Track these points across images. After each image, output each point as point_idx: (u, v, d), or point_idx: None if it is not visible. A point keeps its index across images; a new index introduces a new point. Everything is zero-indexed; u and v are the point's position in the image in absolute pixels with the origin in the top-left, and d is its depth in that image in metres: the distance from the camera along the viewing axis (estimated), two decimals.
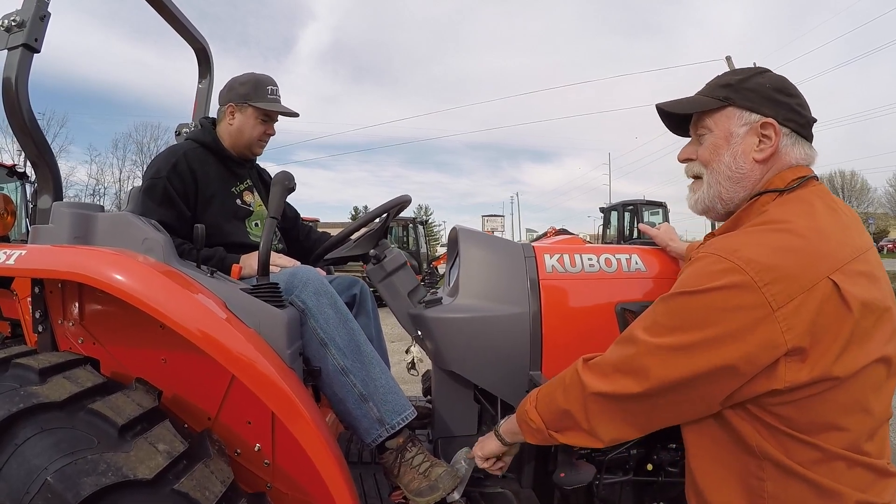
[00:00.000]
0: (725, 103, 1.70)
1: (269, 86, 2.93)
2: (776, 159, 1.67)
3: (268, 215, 2.07)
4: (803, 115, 1.67)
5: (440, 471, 2.09)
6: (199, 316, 1.87)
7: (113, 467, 1.54)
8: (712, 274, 1.43)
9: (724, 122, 1.71)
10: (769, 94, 1.67)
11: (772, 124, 1.64)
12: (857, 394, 1.43)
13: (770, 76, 1.73)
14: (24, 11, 2.17)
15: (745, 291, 1.37)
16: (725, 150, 1.71)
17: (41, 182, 2.32)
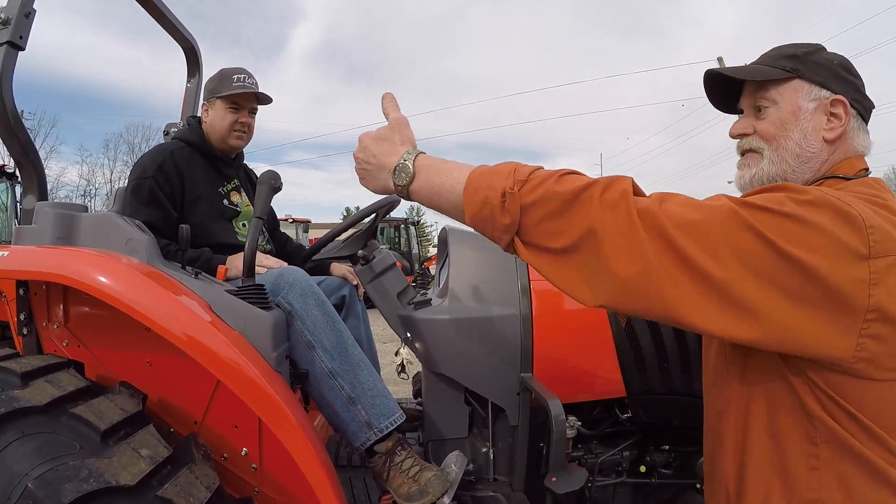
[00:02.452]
0: (793, 74, 1.54)
1: (236, 74, 2.92)
2: (843, 143, 1.54)
3: (254, 215, 2.05)
4: (868, 99, 1.56)
5: (430, 475, 2.07)
6: (184, 319, 1.85)
7: (95, 473, 1.51)
8: (822, 197, 1.24)
9: (792, 96, 1.55)
10: (837, 70, 1.53)
11: (843, 102, 1.50)
12: None
13: (832, 53, 1.59)
14: (8, 8, 2.14)
15: (852, 224, 1.21)
16: (794, 126, 1.54)
17: (26, 182, 2.30)
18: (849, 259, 1.18)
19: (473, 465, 2.35)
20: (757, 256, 1.18)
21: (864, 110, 1.55)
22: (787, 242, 1.17)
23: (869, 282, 1.18)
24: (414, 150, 1.51)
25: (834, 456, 1.30)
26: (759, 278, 1.18)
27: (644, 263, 1.20)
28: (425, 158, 1.49)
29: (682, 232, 1.20)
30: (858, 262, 1.19)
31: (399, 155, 1.51)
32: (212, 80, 2.94)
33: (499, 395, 2.26)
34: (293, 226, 25.57)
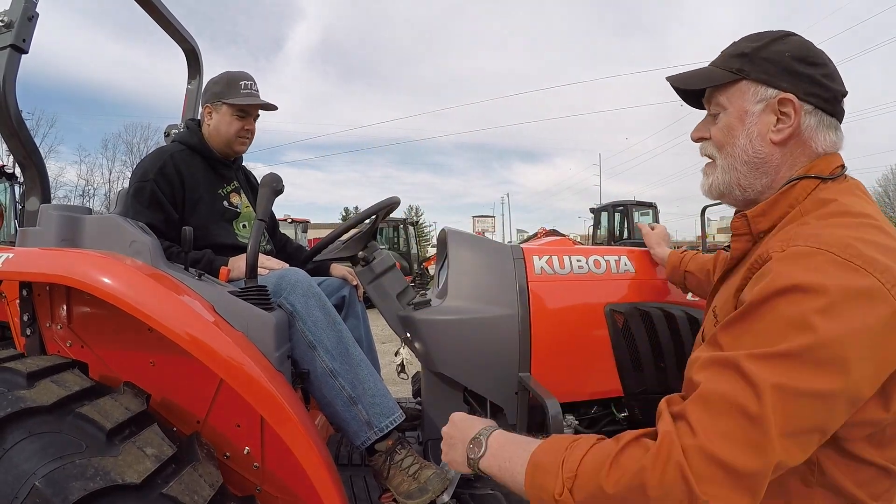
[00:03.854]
0: (739, 76, 1.48)
1: (242, 80, 2.93)
2: (799, 142, 1.45)
3: (256, 217, 2.07)
4: (829, 88, 1.43)
5: (429, 473, 2.09)
6: (187, 319, 1.87)
7: (101, 472, 1.53)
8: (838, 285, 1.12)
9: (738, 99, 1.49)
10: (789, 63, 1.43)
11: (790, 100, 1.41)
12: None
13: (793, 41, 1.47)
14: (11, 12, 2.15)
15: (876, 298, 1.12)
16: (740, 132, 1.49)
17: (29, 184, 2.31)
18: (884, 332, 1.11)
19: None
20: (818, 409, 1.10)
21: (825, 102, 1.43)
22: (832, 377, 1.09)
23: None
24: (493, 428, 1.51)
25: (826, 499, 1.28)
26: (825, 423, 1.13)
27: None
28: (501, 436, 1.47)
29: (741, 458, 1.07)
30: (891, 325, 1.11)
31: (477, 429, 1.51)
32: (216, 83, 2.93)
33: (497, 394, 2.28)
34: (292, 226, 25.58)
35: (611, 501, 1.16)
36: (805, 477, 1.27)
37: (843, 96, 1.45)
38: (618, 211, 24.01)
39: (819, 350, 1.08)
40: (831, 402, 1.10)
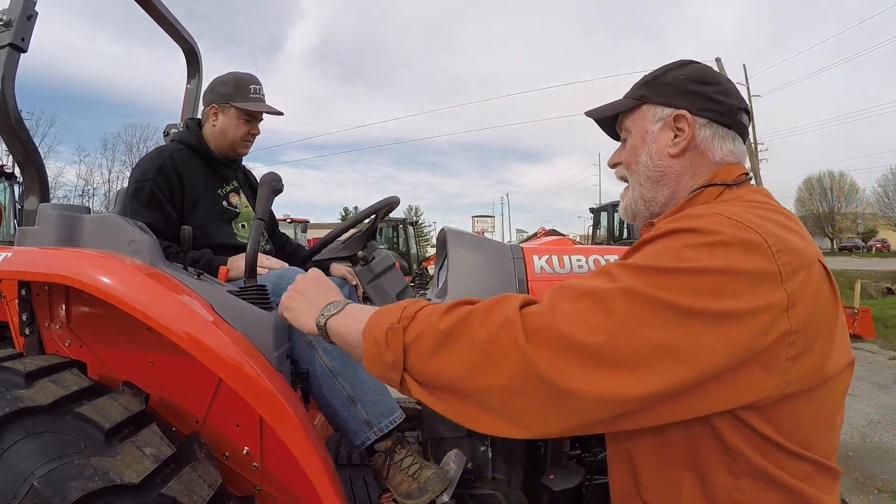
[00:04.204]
0: (640, 101, 1.62)
1: (252, 84, 2.91)
2: (697, 154, 1.54)
3: (255, 217, 2.06)
4: (723, 103, 1.53)
5: (429, 473, 2.09)
6: (186, 318, 1.87)
7: (100, 472, 1.53)
8: (720, 231, 1.18)
9: (640, 121, 1.62)
10: (683, 85, 1.56)
11: (683, 115, 1.52)
12: (838, 396, 1.32)
13: (690, 68, 1.62)
14: (10, 11, 2.15)
15: (761, 253, 1.16)
16: (642, 150, 1.61)
17: (28, 183, 2.30)
18: (767, 288, 1.15)
19: (472, 464, 2.37)
20: (670, 324, 1.11)
21: (720, 115, 1.53)
22: (699, 299, 1.12)
23: (787, 306, 1.15)
24: (353, 302, 1.57)
25: (757, 488, 1.27)
26: (678, 345, 1.11)
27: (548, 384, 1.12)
28: (358, 307, 1.52)
29: (582, 333, 1.12)
30: (775, 289, 1.15)
31: (339, 298, 1.59)
32: (225, 83, 2.91)
33: None
34: (291, 226, 25.58)
35: (438, 337, 1.23)
36: (730, 468, 1.27)
37: (739, 110, 1.55)
38: (617, 211, 23.99)
39: (689, 275, 1.14)
40: (686, 325, 1.11)
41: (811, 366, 1.20)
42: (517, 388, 1.14)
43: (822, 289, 1.23)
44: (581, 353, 1.11)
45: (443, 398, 1.25)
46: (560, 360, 1.11)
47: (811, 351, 1.19)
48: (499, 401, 1.17)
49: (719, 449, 1.27)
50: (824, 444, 1.30)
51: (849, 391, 1.35)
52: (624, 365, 1.10)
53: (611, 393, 1.10)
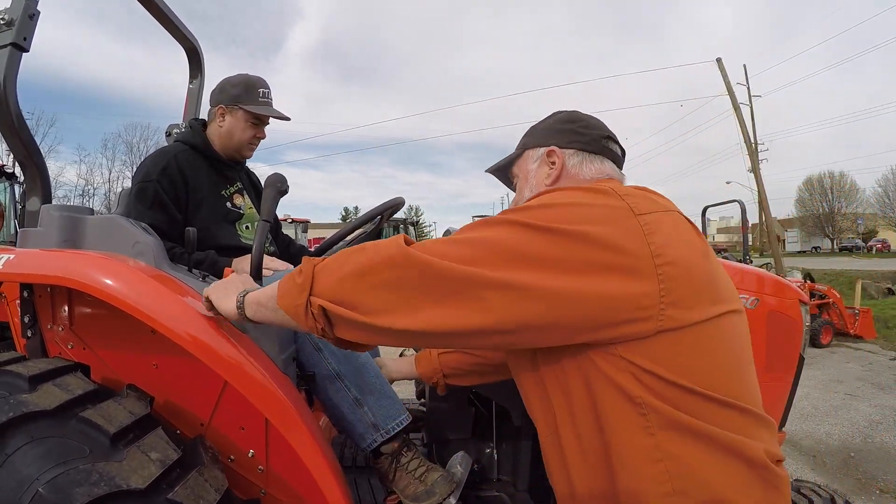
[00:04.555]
0: (522, 150, 1.87)
1: (261, 88, 2.88)
2: (567, 179, 1.75)
3: (260, 218, 2.04)
4: (587, 134, 1.77)
5: (436, 475, 2.07)
6: (191, 321, 1.84)
7: (105, 477, 1.50)
8: (570, 191, 1.51)
9: (524, 165, 1.86)
10: (554, 126, 1.81)
11: (553, 150, 1.76)
12: (724, 342, 1.41)
13: (561, 114, 1.87)
14: (12, 10, 2.14)
15: (611, 195, 1.42)
16: (525, 188, 1.83)
17: (30, 184, 2.29)
18: (622, 217, 1.35)
19: (477, 465, 2.36)
20: (534, 244, 1.31)
21: (586, 144, 1.76)
22: (564, 223, 1.32)
23: (644, 232, 1.33)
24: (249, 290, 1.76)
25: (673, 441, 1.32)
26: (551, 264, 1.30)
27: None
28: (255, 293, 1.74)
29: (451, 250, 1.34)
30: (630, 218, 1.35)
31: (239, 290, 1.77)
32: (235, 85, 2.87)
33: (503, 395, 2.25)
34: (292, 226, 25.62)
35: (341, 257, 1.45)
36: (643, 425, 1.34)
37: (602, 138, 1.78)
38: None
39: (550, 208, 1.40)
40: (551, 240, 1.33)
41: (688, 293, 1.34)
42: (397, 273, 1.34)
43: (680, 230, 1.43)
44: (452, 242, 1.35)
45: (340, 312, 1.39)
46: (433, 246, 1.36)
47: (682, 277, 1.33)
48: (385, 294, 1.35)
49: (626, 403, 1.35)
50: (727, 386, 1.37)
51: (849, 392, 1.37)
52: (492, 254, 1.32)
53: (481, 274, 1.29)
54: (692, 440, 1.31)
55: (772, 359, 2.29)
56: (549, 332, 1.33)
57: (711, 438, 1.31)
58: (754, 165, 27.55)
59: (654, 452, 1.32)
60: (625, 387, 1.33)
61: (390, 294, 1.34)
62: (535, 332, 1.33)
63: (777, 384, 2.35)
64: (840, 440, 6.34)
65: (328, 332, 1.46)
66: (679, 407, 1.32)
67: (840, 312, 12.89)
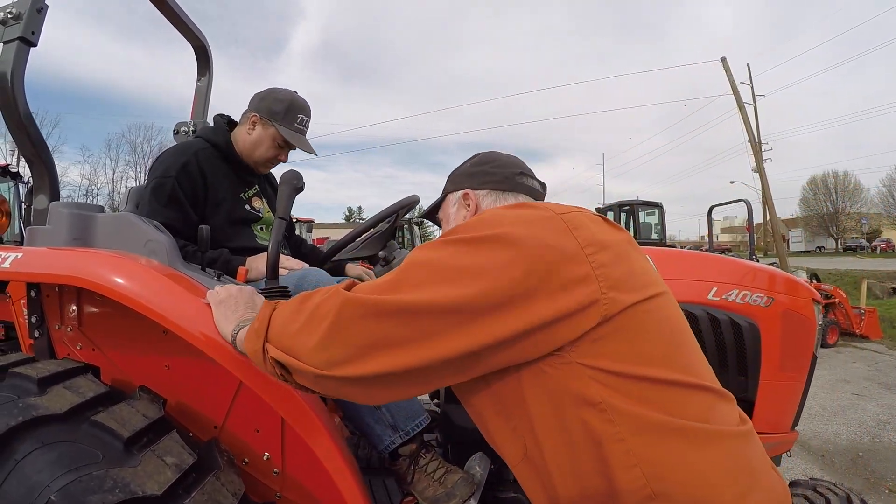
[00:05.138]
0: (444, 195, 1.94)
1: (301, 115, 2.83)
2: None
3: (276, 216, 1.99)
4: (498, 173, 1.82)
5: (456, 477, 2.02)
6: (205, 321, 1.79)
7: (120, 483, 1.45)
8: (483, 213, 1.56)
9: (445, 209, 1.93)
10: (468, 170, 1.88)
11: (467, 193, 1.83)
12: (663, 315, 1.40)
13: (477, 156, 1.94)
14: (20, 4, 2.11)
15: (526, 206, 1.46)
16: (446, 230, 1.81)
17: (37, 181, 2.25)
18: (545, 218, 1.38)
19: (494, 466, 2.31)
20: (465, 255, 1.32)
21: (498, 183, 1.82)
22: (491, 229, 1.34)
23: (568, 228, 1.35)
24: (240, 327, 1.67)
25: (644, 444, 1.27)
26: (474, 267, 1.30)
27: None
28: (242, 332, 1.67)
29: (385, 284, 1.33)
30: (552, 218, 1.37)
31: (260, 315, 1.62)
32: (279, 100, 2.81)
33: None
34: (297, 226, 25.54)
35: (293, 305, 1.43)
36: (614, 434, 1.28)
37: (514, 174, 1.83)
38: (624, 211, 23.90)
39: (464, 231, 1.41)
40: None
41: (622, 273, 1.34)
42: (340, 324, 1.29)
43: (594, 225, 1.42)
44: (389, 281, 1.33)
45: (291, 362, 1.35)
46: (373, 284, 1.35)
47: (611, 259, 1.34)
48: (331, 344, 1.30)
49: (590, 412, 1.29)
50: (682, 363, 1.36)
51: (857, 392, 1.33)
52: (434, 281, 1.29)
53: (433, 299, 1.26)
54: (663, 439, 1.27)
55: (786, 358, 2.26)
56: (503, 349, 1.28)
57: (682, 433, 1.28)
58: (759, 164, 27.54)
59: (626, 458, 1.27)
60: (586, 394, 1.29)
61: (333, 346, 1.30)
62: (491, 353, 1.29)
63: (791, 384, 2.32)
64: (848, 440, 6.32)
65: (288, 380, 1.42)
66: (643, 401, 1.28)
67: (846, 312, 12.89)
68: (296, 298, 1.45)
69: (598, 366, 1.28)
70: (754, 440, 1.40)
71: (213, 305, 1.79)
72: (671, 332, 1.40)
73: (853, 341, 12.63)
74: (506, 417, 1.46)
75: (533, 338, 1.27)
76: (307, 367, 1.32)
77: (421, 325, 1.26)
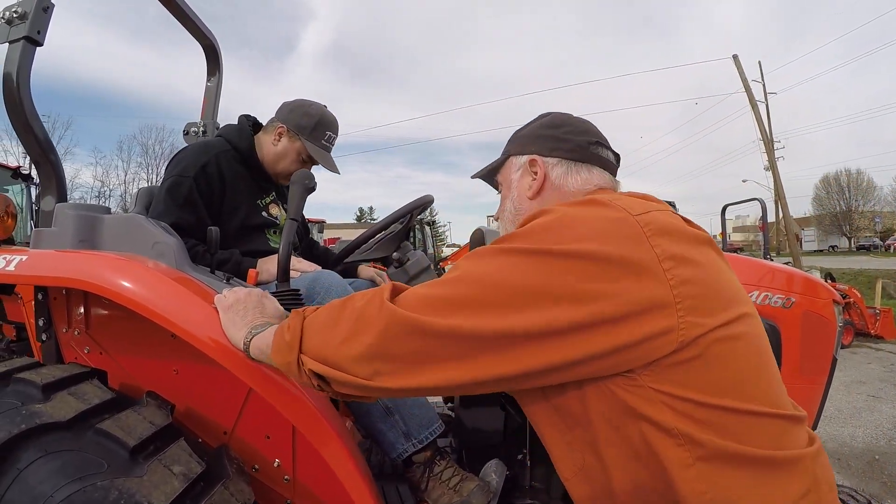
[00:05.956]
0: (506, 156, 1.78)
1: (329, 132, 2.80)
2: (553, 191, 1.65)
3: (287, 216, 1.95)
4: (572, 140, 1.65)
5: (472, 485, 1.98)
6: (213, 325, 1.75)
7: (125, 494, 1.41)
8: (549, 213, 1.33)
9: (506, 173, 1.78)
10: (537, 132, 1.71)
11: (535, 159, 1.66)
12: (746, 340, 1.29)
13: (546, 117, 1.76)
14: (26, 3, 2.09)
15: (600, 206, 1.30)
16: (508, 198, 1.76)
17: (44, 182, 2.22)
18: (620, 224, 1.24)
19: (509, 472, 2.27)
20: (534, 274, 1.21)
21: (570, 152, 1.64)
22: (563, 243, 1.21)
23: (645, 235, 1.22)
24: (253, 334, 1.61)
25: (715, 470, 1.21)
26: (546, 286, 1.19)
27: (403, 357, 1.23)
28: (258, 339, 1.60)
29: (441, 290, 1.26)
30: (628, 224, 1.24)
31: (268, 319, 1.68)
32: (308, 115, 2.77)
33: None
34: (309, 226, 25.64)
35: (329, 312, 1.36)
36: (685, 459, 1.22)
37: (589, 143, 1.65)
38: None
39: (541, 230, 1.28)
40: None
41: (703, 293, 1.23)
42: (388, 338, 1.23)
43: (681, 234, 1.30)
44: (442, 298, 1.23)
45: (331, 374, 1.30)
46: (422, 297, 1.26)
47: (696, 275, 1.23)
48: (374, 359, 1.24)
49: (661, 437, 1.23)
50: (760, 394, 1.28)
51: (872, 394, 1.27)
52: (493, 304, 1.19)
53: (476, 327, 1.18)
54: (734, 467, 1.21)
55: (805, 361, 2.21)
56: (561, 372, 1.22)
57: (754, 461, 1.22)
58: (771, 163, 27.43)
59: (696, 485, 1.21)
60: (656, 418, 1.23)
61: (379, 359, 1.24)
62: (547, 375, 1.23)
63: (811, 386, 2.27)
64: (864, 443, 6.24)
65: (325, 389, 1.37)
66: (716, 429, 1.21)
67: (861, 312, 12.77)
68: (331, 306, 1.38)
69: (671, 392, 1.21)
70: (822, 459, 1.34)
71: (220, 311, 1.73)
72: (751, 358, 1.30)
73: (868, 342, 12.52)
74: (561, 430, 1.40)
75: (598, 363, 1.20)
76: (351, 377, 1.27)
77: (474, 347, 1.19)
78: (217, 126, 3.43)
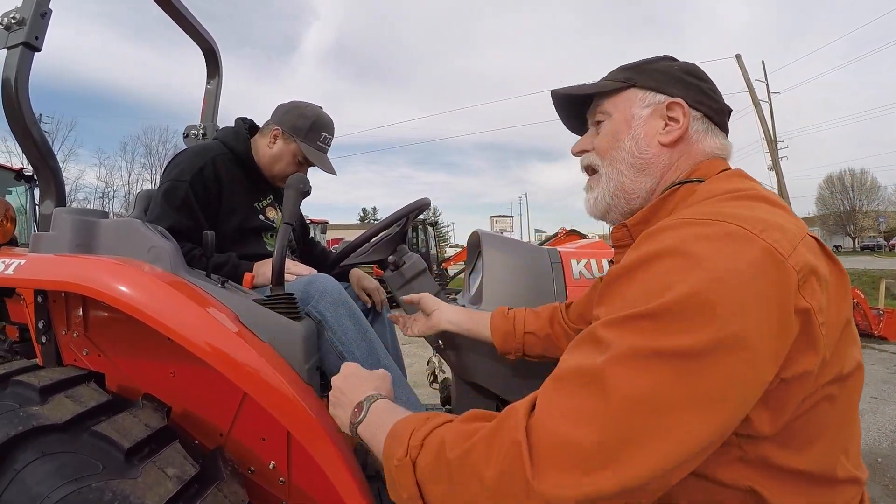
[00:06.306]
0: (627, 84, 1.48)
1: (325, 133, 2.80)
2: (687, 146, 1.42)
3: (282, 220, 1.97)
4: (717, 101, 1.45)
5: None
6: (209, 330, 1.77)
7: (119, 496, 1.43)
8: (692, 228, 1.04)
9: (625, 105, 1.47)
10: (678, 74, 1.45)
11: (679, 104, 1.40)
12: (854, 396, 1.16)
13: (682, 62, 1.51)
14: (24, 9, 2.10)
15: (741, 239, 1.00)
16: (626, 135, 1.45)
17: (43, 186, 2.24)
18: (756, 274, 0.96)
19: None
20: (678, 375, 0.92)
21: (713, 112, 1.43)
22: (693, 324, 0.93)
23: (797, 286, 0.99)
24: (378, 396, 1.45)
25: None
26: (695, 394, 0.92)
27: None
28: (382, 404, 1.41)
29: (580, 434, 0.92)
30: (778, 269, 0.97)
31: (364, 394, 1.47)
32: (304, 117, 2.76)
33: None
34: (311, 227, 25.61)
35: (449, 470, 1.07)
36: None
37: (728, 113, 1.47)
38: None
39: (681, 303, 0.94)
40: (698, 361, 0.92)
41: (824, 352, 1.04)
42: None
43: (820, 261, 1.09)
44: (585, 459, 0.92)
45: None
46: (566, 477, 0.92)
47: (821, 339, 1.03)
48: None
49: (724, 490, 1.11)
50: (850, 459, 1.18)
51: (875, 395, 1.22)
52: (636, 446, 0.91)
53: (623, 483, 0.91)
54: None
55: None
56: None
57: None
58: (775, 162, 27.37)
59: None
60: (732, 476, 1.09)
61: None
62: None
63: None
64: (867, 445, 6.18)
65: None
66: (794, 495, 1.10)
67: (864, 313, 12.68)
68: (454, 454, 1.07)
69: (759, 453, 1.08)
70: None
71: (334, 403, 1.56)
72: (847, 418, 1.17)
73: (871, 343, 12.44)
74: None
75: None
76: None
77: None
78: (217, 128, 3.44)
